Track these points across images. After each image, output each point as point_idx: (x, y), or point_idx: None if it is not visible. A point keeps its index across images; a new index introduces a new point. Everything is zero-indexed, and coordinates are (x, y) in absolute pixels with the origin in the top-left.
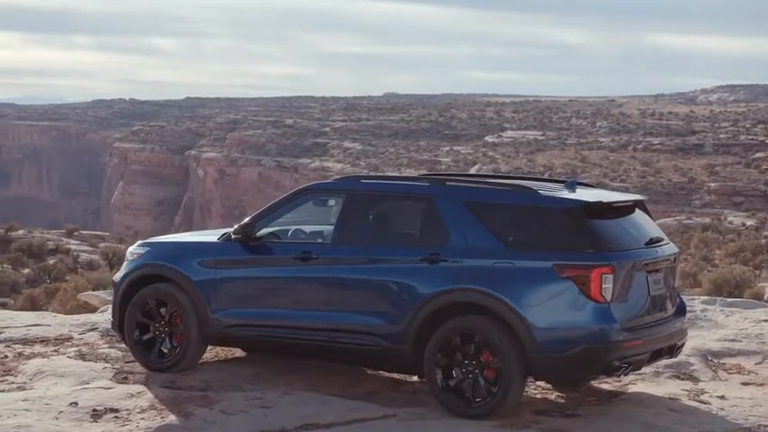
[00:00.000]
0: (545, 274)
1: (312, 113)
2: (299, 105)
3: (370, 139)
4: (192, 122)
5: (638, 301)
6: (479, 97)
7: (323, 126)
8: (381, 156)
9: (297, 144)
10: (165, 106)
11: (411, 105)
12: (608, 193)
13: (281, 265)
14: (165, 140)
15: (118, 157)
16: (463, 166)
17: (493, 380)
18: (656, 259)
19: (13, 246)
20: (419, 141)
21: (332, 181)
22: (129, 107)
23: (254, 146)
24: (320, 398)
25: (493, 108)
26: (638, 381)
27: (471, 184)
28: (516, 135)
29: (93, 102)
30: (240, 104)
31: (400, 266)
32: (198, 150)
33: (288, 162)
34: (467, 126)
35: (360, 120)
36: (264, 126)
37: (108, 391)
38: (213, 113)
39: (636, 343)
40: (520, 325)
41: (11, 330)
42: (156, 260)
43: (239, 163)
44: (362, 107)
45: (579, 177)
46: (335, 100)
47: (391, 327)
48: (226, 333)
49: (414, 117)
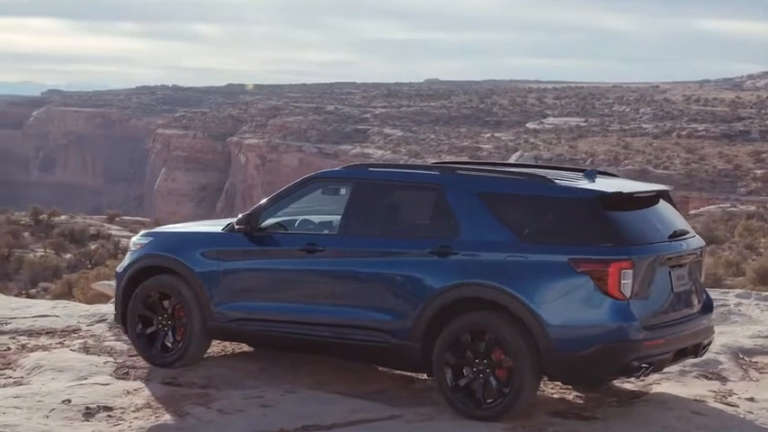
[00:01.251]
0: (560, 269)
1: (353, 100)
2: (340, 92)
3: (410, 125)
4: (233, 109)
5: (659, 297)
6: (521, 83)
7: (364, 112)
8: (422, 142)
9: (338, 130)
10: (208, 93)
11: (452, 92)
12: (629, 183)
13: (286, 256)
14: (207, 127)
15: (161, 144)
16: (504, 152)
17: (505, 380)
18: (681, 253)
19: (55, 231)
20: (460, 128)
21: (339, 169)
22: (172, 94)
23: (295, 132)
24: (325, 396)
25: (535, 94)
26: (662, 380)
27: (483, 173)
28: (558, 122)
29: (137, 88)
30: (282, 91)
31: (408, 259)
32: (240, 137)
33: (329, 148)
34: (508, 112)
35: (401, 106)
36: (306, 112)
37: (104, 388)
38: (255, 100)
39: (657, 342)
40: (533, 322)
41: (18, 321)
42: (159, 251)
43: (280, 149)
44: (403, 93)
45: (622, 164)
46: (377, 86)
47: (399, 323)
48: (229, 327)
49: (455, 103)
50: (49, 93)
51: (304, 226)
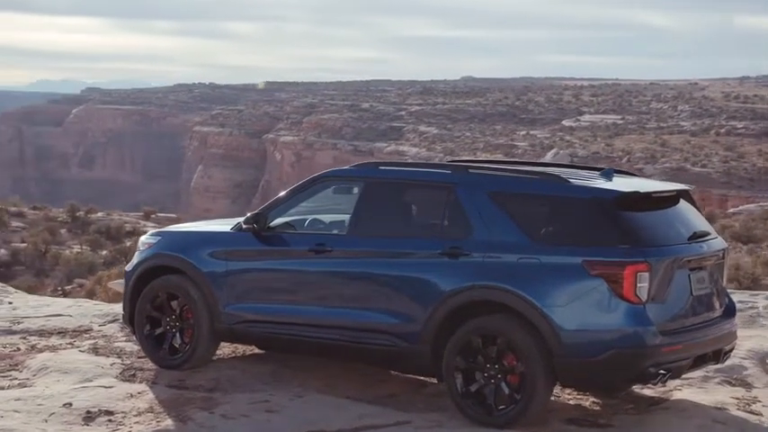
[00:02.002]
0: (574, 271)
1: (388, 97)
2: (375, 89)
3: (445, 123)
4: (269, 106)
5: (678, 301)
6: (557, 81)
7: (399, 110)
8: (457, 140)
9: (373, 128)
10: (244, 90)
11: (488, 89)
12: (648, 183)
13: (294, 257)
14: (243, 124)
15: (197, 141)
16: (540, 150)
17: (517, 386)
18: (701, 255)
19: (92, 228)
20: (495, 125)
21: (349, 168)
22: (208, 91)
23: (330, 129)
24: (333, 401)
25: (571, 92)
26: (683, 386)
27: (496, 172)
28: (594, 119)
29: (175, 86)
30: (317, 89)
31: (418, 261)
32: (275, 134)
33: (363, 146)
34: (544, 110)
35: (436, 103)
36: (341, 110)
37: (108, 391)
38: (290, 97)
39: (675, 348)
40: (545, 326)
41: (30, 321)
42: (167, 250)
43: (315, 146)
44: (439, 91)
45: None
46: (412, 84)
47: (408, 326)
48: (237, 329)
49: (490, 101)
50: (88, 90)
51: (314, 225)
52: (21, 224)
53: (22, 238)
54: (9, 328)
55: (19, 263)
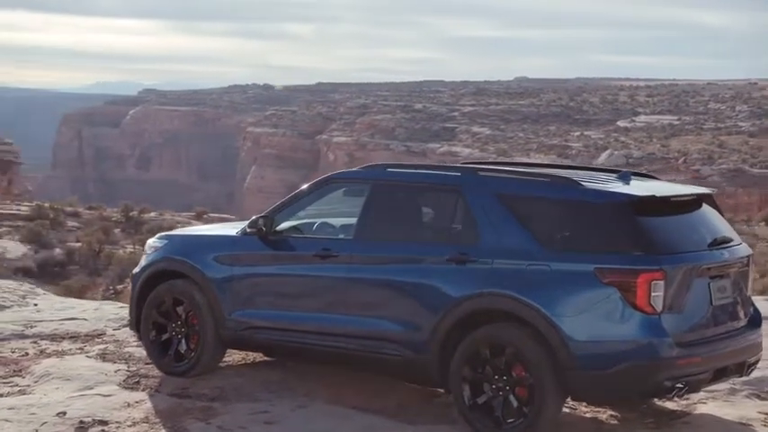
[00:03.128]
0: (585, 279)
1: (441, 98)
2: (428, 90)
3: (499, 123)
4: (322, 107)
5: (696, 311)
6: (612, 81)
7: (452, 110)
8: (510, 141)
9: (426, 128)
10: (297, 91)
11: (542, 89)
12: (667, 186)
13: (299, 262)
14: (296, 125)
15: (251, 142)
16: (594, 151)
17: (526, 398)
18: (722, 263)
19: (144, 227)
20: (549, 126)
21: (357, 169)
22: (262, 92)
23: (383, 130)
24: (338, 411)
25: (626, 92)
26: (708, 399)
27: (506, 174)
28: (650, 119)
29: (229, 87)
30: (370, 89)
31: (425, 266)
32: (328, 135)
33: (416, 147)
34: (598, 110)
35: (489, 104)
36: (394, 110)
37: (106, 399)
38: (344, 98)
39: (692, 360)
40: (555, 337)
41: (44, 324)
42: (173, 255)
43: (368, 147)
44: (492, 91)
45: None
46: (465, 84)
47: (414, 334)
48: (242, 336)
49: (544, 101)
50: (145, 92)
51: (322, 229)
52: (76, 224)
53: (76, 237)
54: (22, 332)
55: (73, 262)
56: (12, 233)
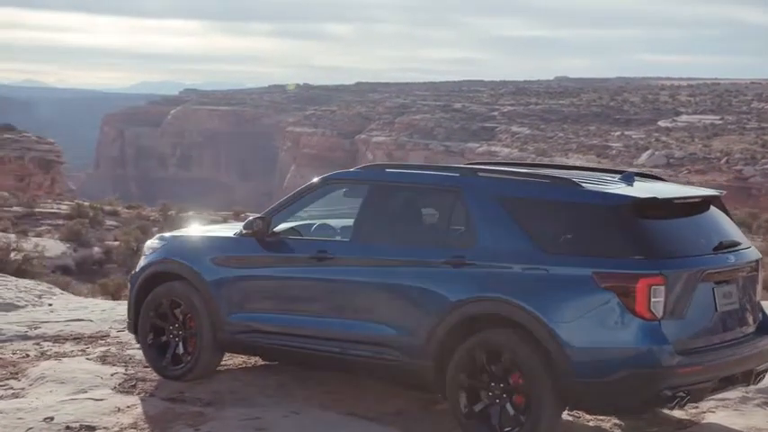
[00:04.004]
0: (583, 284)
1: (481, 98)
2: (468, 89)
3: (538, 123)
4: (362, 107)
5: (699, 317)
6: (654, 80)
7: (491, 110)
8: (550, 140)
9: (465, 128)
10: (337, 91)
11: (582, 89)
12: (671, 188)
13: (296, 264)
14: (335, 125)
15: (290, 141)
16: (634, 151)
17: (523, 407)
18: (727, 267)
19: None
20: (589, 126)
21: (354, 170)
22: (302, 92)
23: (422, 130)
24: (332, 418)
25: (667, 91)
26: (718, 408)
27: (505, 175)
28: (692, 119)
29: (269, 87)
30: (410, 89)
31: (421, 270)
32: (367, 134)
33: (455, 146)
34: (639, 110)
35: (529, 104)
36: (433, 110)
37: (96, 404)
38: (383, 98)
39: (694, 369)
40: (552, 343)
41: (49, 325)
42: (171, 256)
43: (407, 147)
44: (532, 91)
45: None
46: (505, 84)
47: (410, 339)
48: (239, 339)
49: (584, 101)
50: (186, 92)
51: (321, 231)
52: (114, 223)
53: (114, 236)
54: (25, 333)
55: (111, 261)
56: (52, 232)
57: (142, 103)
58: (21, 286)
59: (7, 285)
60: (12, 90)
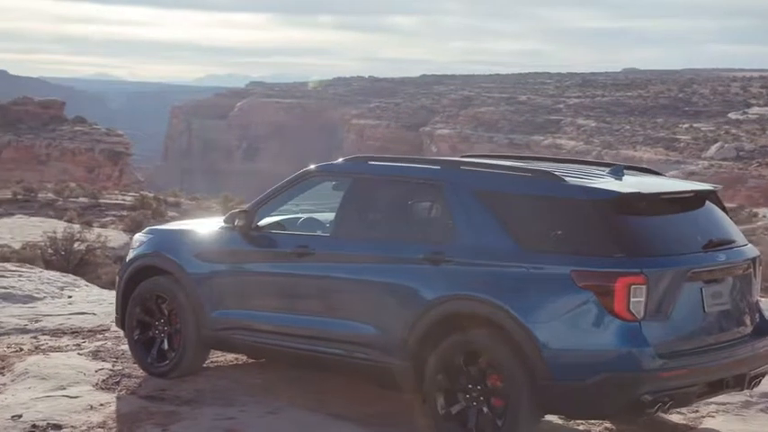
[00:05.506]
0: (561, 283)
1: (546, 90)
2: (533, 82)
3: (605, 116)
4: (426, 99)
5: (685, 318)
6: (724, 72)
7: (557, 102)
8: (616, 133)
9: (529, 121)
10: (402, 83)
11: (650, 81)
12: (662, 182)
13: (278, 260)
14: (399, 117)
15: (355, 134)
16: (703, 143)
17: (501, 410)
18: (717, 266)
19: None
20: (657, 118)
21: (338, 162)
22: (367, 84)
23: (486, 123)
24: (310, 419)
25: (738, 83)
26: (718, 412)
27: (487, 168)
28: (764, 111)
29: (334, 80)
30: (475, 81)
31: (400, 266)
32: (431, 127)
33: (520, 139)
34: (709, 102)
35: (595, 96)
36: (497, 103)
37: (71, 401)
38: (447, 90)
39: (677, 372)
40: (529, 344)
41: (50, 319)
42: (156, 250)
43: (471, 140)
44: (598, 83)
45: None
46: (571, 76)
47: (388, 339)
48: (221, 336)
49: (652, 93)
50: (252, 84)
51: (306, 225)
52: (176, 213)
53: None
54: (24, 326)
55: None
56: (116, 222)
57: (209, 95)
58: (44, 278)
59: (30, 277)
60: (85, 83)
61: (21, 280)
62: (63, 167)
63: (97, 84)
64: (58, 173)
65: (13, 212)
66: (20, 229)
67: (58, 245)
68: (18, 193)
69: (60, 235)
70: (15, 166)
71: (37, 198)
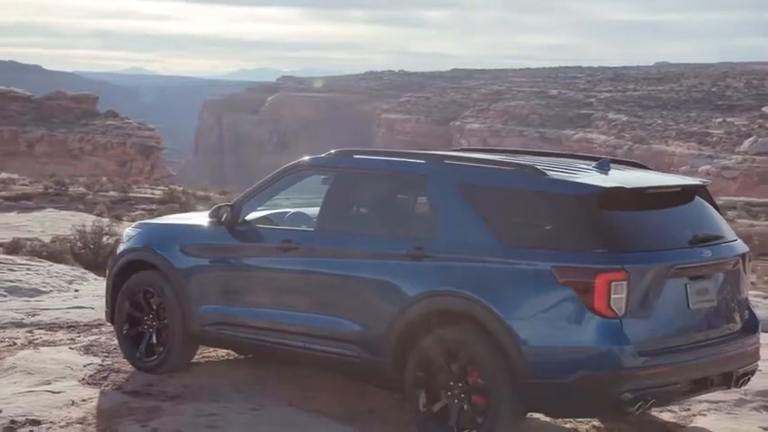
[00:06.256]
0: (542, 279)
1: (577, 84)
2: (564, 76)
3: (636, 110)
4: (456, 93)
5: (668, 315)
6: (759, 65)
7: (588, 97)
8: (648, 127)
9: (560, 115)
10: (432, 78)
11: (683, 75)
12: (649, 177)
13: (263, 255)
14: (430, 111)
15: (385, 128)
16: (736, 138)
17: (481, 407)
18: (702, 262)
19: None
20: (689, 112)
21: (323, 156)
22: (397, 79)
23: (516, 117)
24: (291, 416)
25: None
26: (711, 410)
27: (470, 162)
28: None
29: (365, 74)
30: (505, 75)
31: (382, 262)
32: (461, 121)
33: (551, 133)
34: (743, 96)
35: (627, 90)
36: (528, 97)
37: (53, 397)
38: (478, 84)
39: (659, 370)
40: (509, 341)
41: (48, 312)
42: (145, 244)
43: (501, 134)
44: (630, 77)
45: None
46: (603, 70)
47: (370, 335)
48: (207, 331)
49: (685, 87)
50: (283, 79)
51: (293, 220)
52: (203, 207)
53: None
54: (21, 320)
55: None
56: (145, 216)
57: (240, 89)
58: (53, 272)
59: (38, 271)
60: (119, 78)
61: (28, 273)
62: (95, 161)
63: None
64: (90, 167)
65: (43, 206)
66: (50, 223)
67: (87, 238)
68: (49, 187)
69: (89, 229)
70: (49, 160)
71: (67, 192)
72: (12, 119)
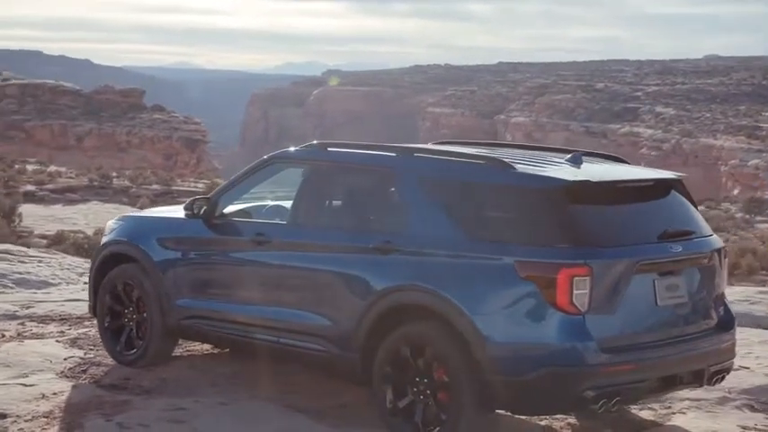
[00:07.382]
0: (505, 274)
1: (624, 77)
2: (611, 69)
3: (684, 103)
4: (502, 87)
5: (635, 312)
6: None
7: (635, 90)
8: (696, 121)
9: (606, 109)
10: (478, 71)
11: (732, 68)
12: (619, 170)
13: (237, 248)
14: (475, 105)
15: (430, 122)
16: None
17: (446, 404)
18: (671, 258)
19: None
20: (739, 106)
21: (298, 149)
22: (443, 72)
23: (562, 110)
24: (261, 411)
25: None
26: (691, 408)
27: (439, 155)
28: None
29: (411, 67)
30: (551, 69)
31: (351, 256)
32: (506, 115)
33: (596, 127)
34: None
35: (675, 83)
36: (574, 90)
37: (23, 390)
38: (523, 78)
39: (623, 367)
40: (473, 337)
41: (43, 305)
42: (124, 237)
43: (547, 128)
44: (678, 70)
45: None
46: (650, 63)
47: (339, 330)
48: (184, 325)
49: (734, 80)
50: (328, 73)
51: (270, 213)
52: None
53: None
54: (14, 312)
55: None
56: None
57: (286, 83)
58: (65, 264)
59: (50, 263)
60: (166, 72)
61: (39, 266)
62: (142, 155)
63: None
64: (137, 160)
65: (88, 199)
66: (94, 216)
67: None
68: (94, 180)
69: None
70: (97, 154)
71: (112, 185)
72: (62, 113)
